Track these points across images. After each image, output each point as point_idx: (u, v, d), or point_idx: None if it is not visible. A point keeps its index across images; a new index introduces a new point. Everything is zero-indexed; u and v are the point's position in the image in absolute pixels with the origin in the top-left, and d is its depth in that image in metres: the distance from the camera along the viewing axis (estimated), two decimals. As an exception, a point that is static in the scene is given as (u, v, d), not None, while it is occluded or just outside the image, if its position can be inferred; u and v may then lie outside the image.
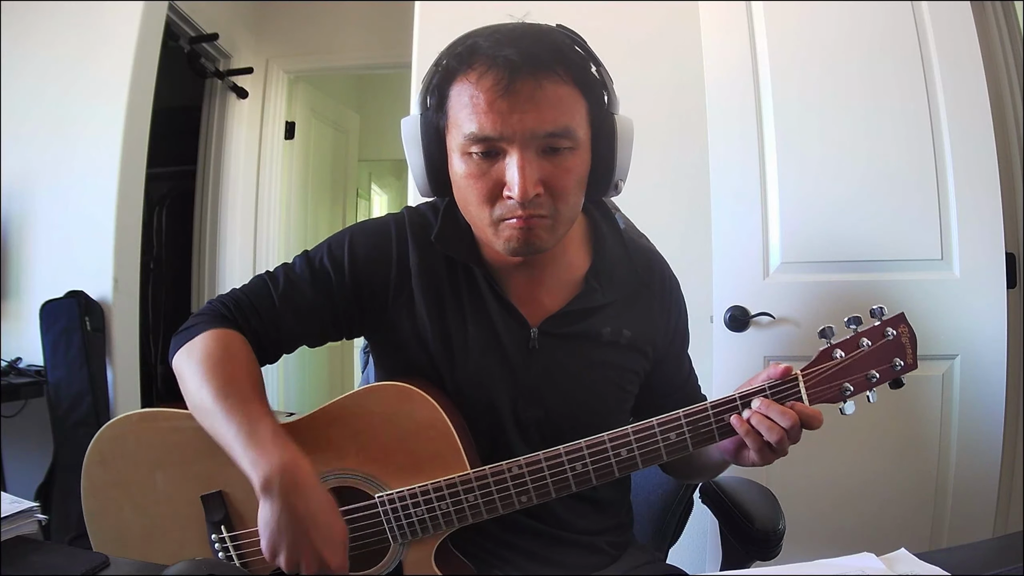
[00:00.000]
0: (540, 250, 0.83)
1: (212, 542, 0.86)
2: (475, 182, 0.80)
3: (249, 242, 3.20)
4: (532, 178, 0.78)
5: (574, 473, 0.82)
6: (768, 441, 0.78)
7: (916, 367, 0.81)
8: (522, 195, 0.77)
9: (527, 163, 0.77)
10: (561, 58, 0.78)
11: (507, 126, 0.77)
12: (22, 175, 2.26)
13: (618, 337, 0.92)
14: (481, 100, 0.77)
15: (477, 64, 0.78)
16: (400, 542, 0.85)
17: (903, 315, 0.81)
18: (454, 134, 0.81)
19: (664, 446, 0.81)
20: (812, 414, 0.78)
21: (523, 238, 0.81)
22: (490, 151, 0.79)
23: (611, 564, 0.95)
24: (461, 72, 0.79)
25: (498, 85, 0.76)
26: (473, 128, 0.78)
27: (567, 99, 0.79)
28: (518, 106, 0.76)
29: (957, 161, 1.62)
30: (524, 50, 0.77)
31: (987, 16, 1.82)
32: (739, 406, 0.80)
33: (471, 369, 0.89)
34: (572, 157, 0.81)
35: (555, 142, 0.79)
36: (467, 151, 0.80)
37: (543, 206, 0.80)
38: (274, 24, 3.33)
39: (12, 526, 0.80)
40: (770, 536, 0.99)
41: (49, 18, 2.31)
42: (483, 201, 0.81)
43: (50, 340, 2.14)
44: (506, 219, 0.81)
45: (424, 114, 0.84)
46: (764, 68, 1.71)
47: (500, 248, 0.83)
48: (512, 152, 0.78)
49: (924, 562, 0.70)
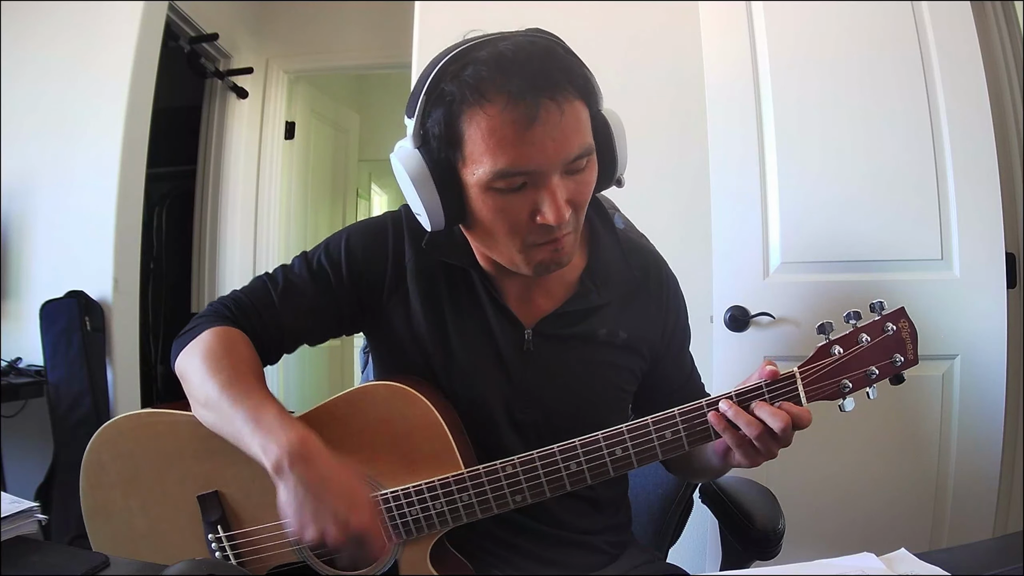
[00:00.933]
0: (565, 264, 0.84)
1: (209, 542, 0.87)
2: (504, 215, 0.79)
3: (249, 242, 3.20)
4: (563, 201, 0.78)
5: (568, 472, 0.82)
6: (749, 438, 0.77)
7: (917, 362, 0.79)
8: (557, 220, 0.77)
9: (557, 188, 0.77)
10: (568, 76, 0.77)
11: (541, 157, 0.75)
12: (22, 175, 2.26)
13: (614, 338, 0.92)
14: (509, 134, 0.74)
15: (493, 96, 0.74)
16: (395, 542, 0.85)
17: (903, 309, 0.79)
18: (474, 169, 0.77)
19: (659, 445, 0.80)
20: (799, 413, 0.77)
21: (556, 259, 0.82)
22: (517, 184, 0.77)
23: (610, 563, 0.95)
24: (475, 105, 0.74)
25: (525, 118, 0.73)
26: (502, 164, 0.75)
27: (581, 116, 0.78)
28: (548, 135, 0.74)
29: (957, 161, 1.62)
30: (537, 76, 0.74)
31: (987, 16, 1.81)
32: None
33: (465, 369, 0.89)
34: (590, 171, 0.81)
35: (579, 164, 0.79)
36: (492, 186, 0.77)
37: (570, 224, 0.81)
38: (274, 24, 3.33)
39: (12, 526, 0.80)
40: (770, 536, 0.99)
41: (49, 18, 2.31)
42: (513, 232, 0.80)
43: (50, 340, 2.14)
44: (539, 244, 0.81)
45: (427, 148, 0.79)
46: (764, 68, 1.71)
47: (526, 271, 0.83)
48: (542, 180, 0.77)
49: (924, 562, 0.70)
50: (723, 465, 0.88)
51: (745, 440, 0.78)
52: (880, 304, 0.79)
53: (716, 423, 0.78)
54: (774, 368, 0.79)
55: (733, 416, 0.77)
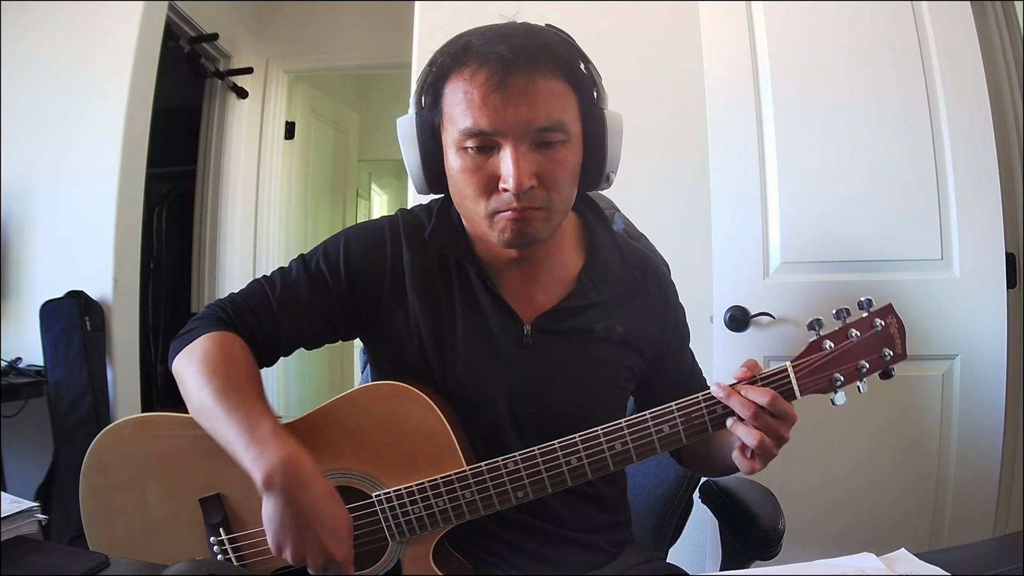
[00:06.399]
0: (534, 241, 0.85)
1: (211, 545, 0.87)
2: (470, 176, 0.82)
3: (249, 242, 3.20)
4: (526, 171, 0.79)
5: (569, 467, 0.82)
6: (765, 437, 0.77)
7: (906, 357, 0.81)
8: (517, 187, 0.79)
9: (521, 156, 0.79)
10: (551, 54, 0.81)
11: (501, 120, 0.79)
12: (22, 175, 2.26)
13: (611, 333, 0.93)
14: (475, 95, 0.79)
15: (470, 61, 0.80)
16: (398, 540, 0.85)
17: (891, 306, 0.81)
18: (449, 130, 0.83)
19: (658, 438, 0.81)
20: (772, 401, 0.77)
21: (517, 229, 0.83)
22: (484, 145, 0.81)
23: (610, 562, 0.95)
24: (455, 70, 0.81)
25: (491, 80, 0.78)
26: (468, 123, 0.79)
27: (558, 93, 0.81)
28: (511, 100, 0.78)
29: (957, 161, 1.62)
30: (516, 46, 0.79)
31: (987, 16, 1.82)
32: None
33: (465, 367, 0.90)
34: (564, 150, 0.83)
35: (548, 136, 0.81)
36: (462, 146, 0.81)
37: (537, 198, 0.82)
38: (274, 24, 3.33)
39: (12, 526, 0.80)
40: (770, 536, 0.99)
41: (49, 18, 2.31)
42: (478, 195, 0.82)
43: (50, 340, 2.14)
44: (501, 211, 0.82)
45: (419, 113, 0.86)
46: (764, 68, 1.71)
47: (495, 240, 0.85)
48: (506, 146, 0.80)
49: (924, 562, 0.70)
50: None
51: (763, 439, 0.78)
52: (868, 301, 0.81)
53: (738, 430, 0.79)
54: (753, 360, 0.81)
55: (724, 398, 0.79)
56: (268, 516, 0.75)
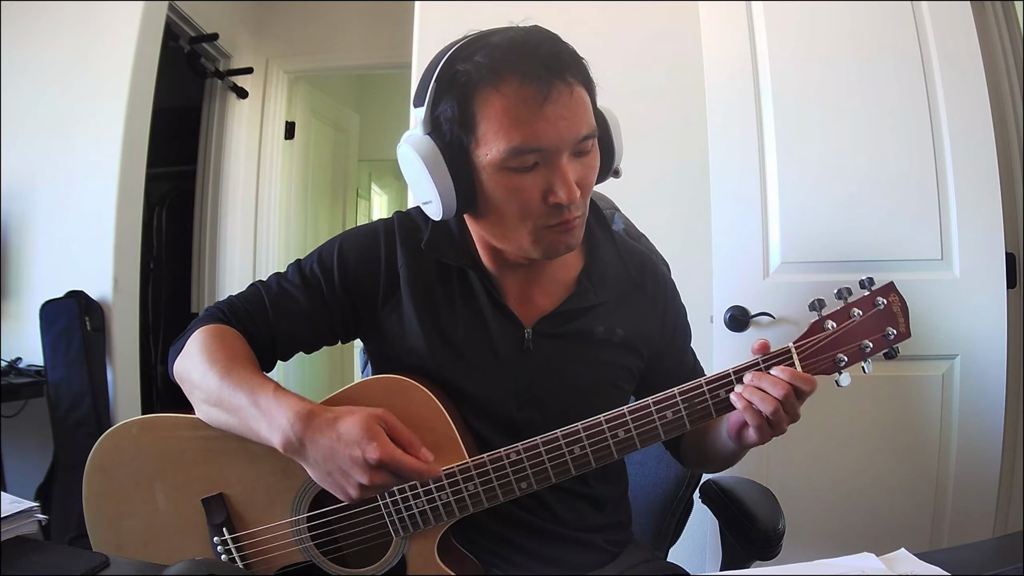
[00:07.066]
0: (573, 248, 0.86)
1: (214, 545, 0.87)
2: (518, 195, 0.80)
3: (249, 242, 3.20)
4: (573, 181, 0.79)
5: (572, 456, 0.82)
6: (766, 416, 0.77)
7: (909, 335, 0.81)
8: (571, 198, 0.79)
9: (570, 168, 0.79)
10: (573, 61, 0.80)
11: (555, 135, 0.77)
12: (22, 175, 2.26)
13: (611, 335, 0.93)
14: (523, 112, 0.76)
15: (507, 76, 0.76)
16: (402, 535, 0.85)
17: (892, 284, 0.81)
18: (487, 150, 0.78)
19: (661, 425, 0.81)
20: (804, 378, 0.78)
21: (567, 241, 0.83)
22: (534, 162, 0.79)
23: (610, 562, 0.95)
24: (489, 85, 0.76)
25: (539, 96, 0.76)
26: (517, 141, 0.77)
27: (587, 101, 0.81)
28: (560, 113, 0.77)
29: (957, 161, 1.62)
30: (549, 58, 0.77)
31: (987, 16, 1.81)
32: (733, 381, 0.80)
33: (464, 371, 0.90)
34: (595, 155, 0.84)
35: (586, 145, 0.81)
36: (506, 165, 0.78)
37: (580, 207, 0.82)
38: (274, 24, 3.33)
39: (12, 526, 0.80)
40: (770, 536, 0.99)
41: (49, 18, 2.31)
42: (527, 213, 0.81)
43: (50, 340, 2.14)
44: (551, 225, 0.82)
45: (438, 134, 0.80)
46: (764, 68, 1.71)
47: (536, 254, 0.84)
48: (556, 159, 0.79)
49: (924, 562, 0.70)
50: (738, 447, 0.87)
51: (764, 417, 0.78)
52: (870, 280, 0.80)
53: (737, 401, 0.79)
54: (765, 341, 0.81)
55: (759, 382, 0.78)
56: (313, 476, 0.77)
